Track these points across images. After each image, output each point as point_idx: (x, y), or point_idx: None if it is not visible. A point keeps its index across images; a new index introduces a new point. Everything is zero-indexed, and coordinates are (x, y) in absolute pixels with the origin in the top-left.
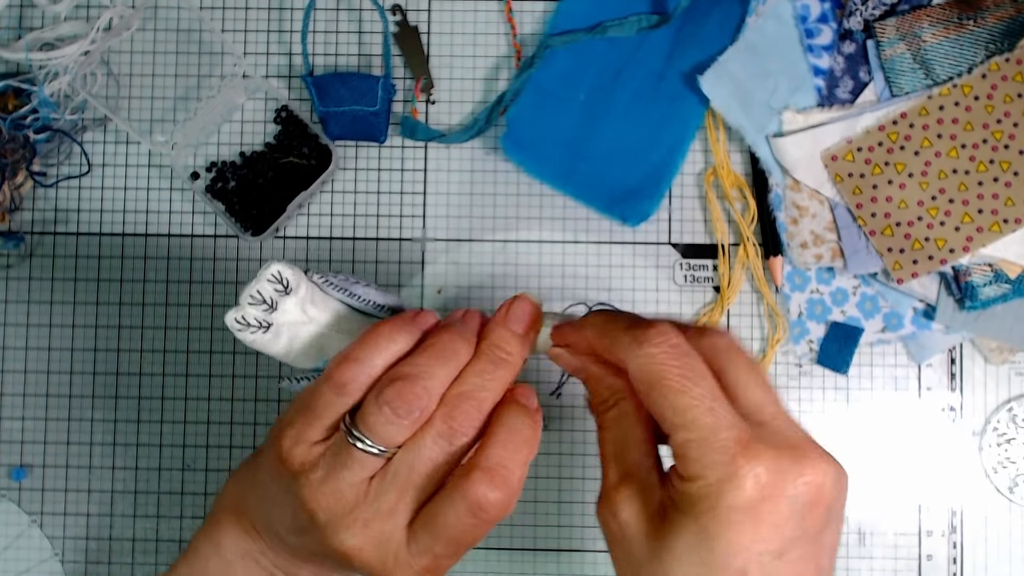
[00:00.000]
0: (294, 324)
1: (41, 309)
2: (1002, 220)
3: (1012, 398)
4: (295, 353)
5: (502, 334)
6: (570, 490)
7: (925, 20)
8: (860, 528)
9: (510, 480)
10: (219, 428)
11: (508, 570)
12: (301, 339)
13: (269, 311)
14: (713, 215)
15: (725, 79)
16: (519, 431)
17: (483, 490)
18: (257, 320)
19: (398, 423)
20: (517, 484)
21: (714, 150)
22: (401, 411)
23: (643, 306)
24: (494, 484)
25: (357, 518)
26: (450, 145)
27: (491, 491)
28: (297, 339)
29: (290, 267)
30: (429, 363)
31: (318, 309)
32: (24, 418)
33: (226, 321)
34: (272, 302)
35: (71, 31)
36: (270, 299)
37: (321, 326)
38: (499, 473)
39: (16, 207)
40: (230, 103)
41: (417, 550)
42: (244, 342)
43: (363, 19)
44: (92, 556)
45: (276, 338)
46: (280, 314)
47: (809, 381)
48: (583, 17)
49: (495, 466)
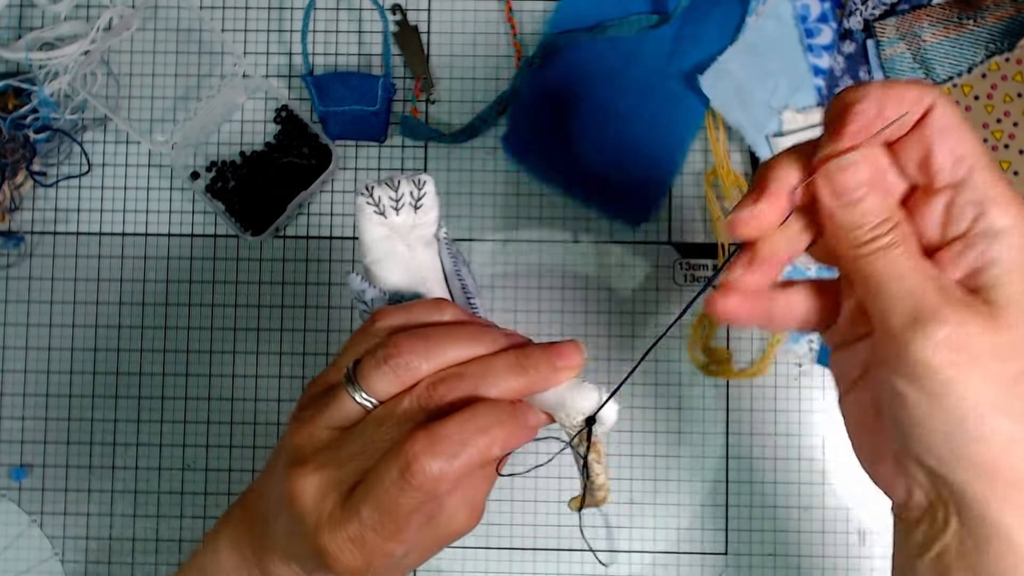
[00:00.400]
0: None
1: (41, 309)
2: None
3: None
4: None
5: (535, 350)
6: (570, 490)
7: (925, 20)
8: (860, 528)
9: (453, 458)
10: (219, 428)
11: (508, 570)
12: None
13: (394, 205)
14: (713, 215)
15: (725, 79)
16: (485, 417)
17: (418, 450)
18: (380, 201)
19: (388, 376)
20: (460, 467)
21: (714, 150)
22: (393, 363)
23: (643, 306)
24: (433, 450)
25: (314, 460)
26: (450, 145)
27: (427, 455)
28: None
29: (435, 193)
30: (442, 337)
31: (422, 245)
32: (24, 418)
33: (361, 187)
34: (402, 199)
35: (71, 31)
36: (400, 196)
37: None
38: (443, 443)
39: (16, 207)
40: (230, 103)
41: (347, 511)
42: (359, 212)
43: (363, 19)
44: (92, 556)
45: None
46: (397, 217)
47: (809, 381)
48: (583, 17)
49: (443, 435)
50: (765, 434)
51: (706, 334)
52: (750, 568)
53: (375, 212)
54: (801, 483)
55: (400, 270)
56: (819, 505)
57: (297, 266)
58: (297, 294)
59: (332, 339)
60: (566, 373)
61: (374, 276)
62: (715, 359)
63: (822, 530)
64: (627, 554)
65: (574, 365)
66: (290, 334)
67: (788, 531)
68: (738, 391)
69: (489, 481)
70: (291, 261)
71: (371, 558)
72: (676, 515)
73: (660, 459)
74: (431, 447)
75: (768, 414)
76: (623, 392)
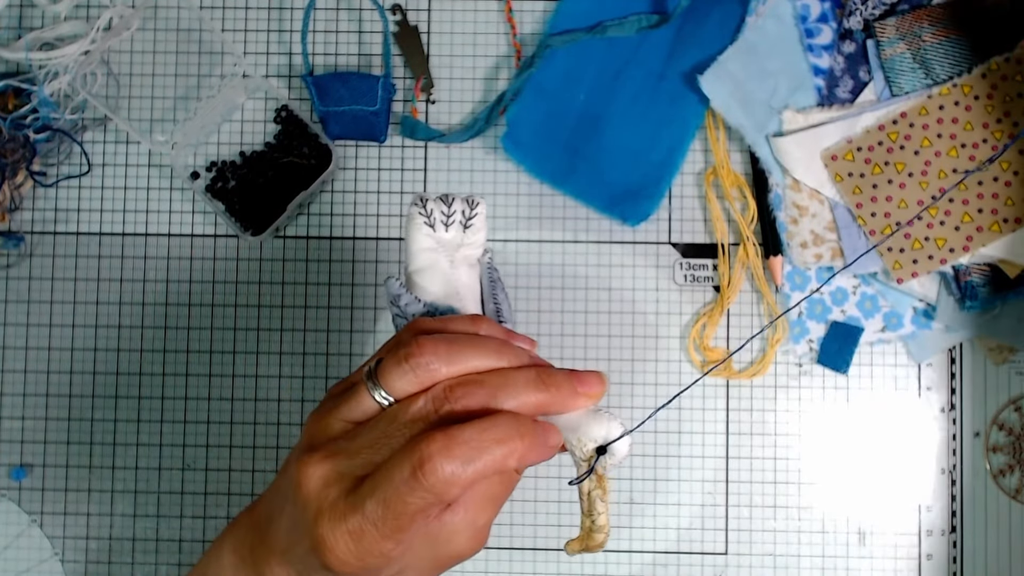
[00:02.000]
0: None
1: (41, 309)
2: (1002, 220)
3: (1013, 398)
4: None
5: (557, 372)
6: (570, 490)
7: (925, 20)
8: (860, 528)
9: (468, 463)
10: (219, 428)
11: (508, 570)
12: (433, 265)
13: (444, 220)
14: (713, 215)
15: (725, 79)
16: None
17: (434, 450)
18: (431, 214)
19: (408, 375)
20: (473, 474)
21: (714, 150)
22: (413, 362)
23: (643, 306)
24: (450, 453)
25: (325, 448)
26: (450, 145)
27: (443, 457)
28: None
29: (485, 216)
30: (466, 345)
31: (465, 264)
32: (24, 418)
33: (414, 196)
34: (453, 216)
35: (71, 31)
36: (452, 213)
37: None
38: (460, 446)
39: (16, 207)
40: (230, 103)
41: (351, 502)
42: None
43: (363, 19)
44: (92, 556)
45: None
46: (446, 233)
47: (809, 381)
48: (583, 17)
49: (461, 439)
50: (765, 434)
51: (706, 334)
52: (750, 568)
53: (425, 223)
54: (801, 483)
55: (440, 283)
56: (819, 505)
57: (297, 266)
58: (297, 294)
59: (332, 339)
60: (586, 400)
61: (414, 284)
62: (715, 359)
63: (822, 530)
64: (627, 554)
65: (595, 394)
66: (290, 334)
67: (788, 531)
68: (738, 391)
69: (495, 505)
70: (291, 261)
71: (366, 556)
72: (676, 515)
73: (660, 459)
74: (447, 449)
75: (768, 414)
76: (623, 391)
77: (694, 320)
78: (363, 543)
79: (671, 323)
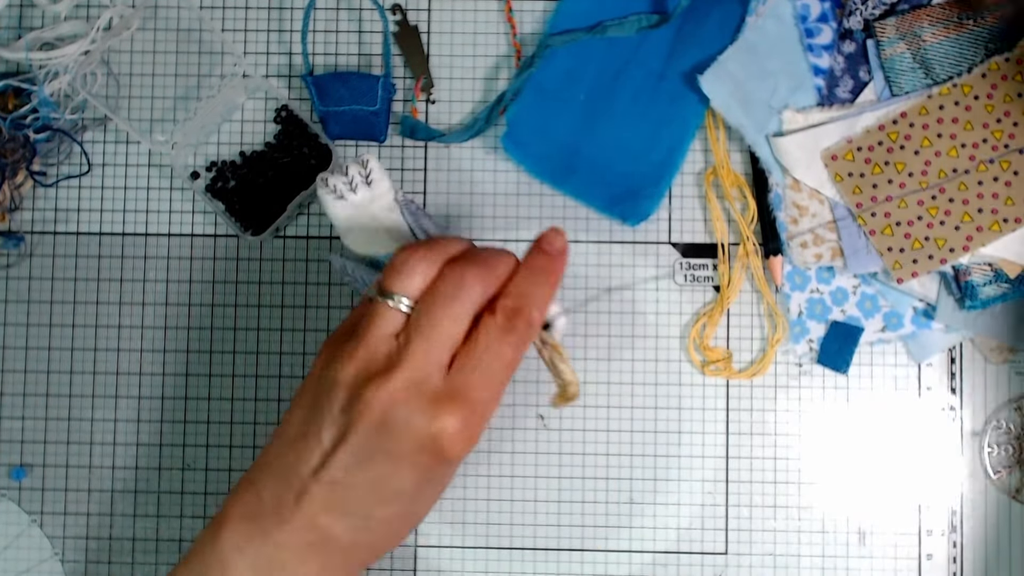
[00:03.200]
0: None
1: (41, 309)
2: (1002, 220)
3: (1013, 398)
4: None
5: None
6: (570, 490)
7: (925, 20)
8: (860, 528)
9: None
10: (219, 428)
11: (508, 570)
12: (360, 223)
13: (348, 187)
14: (713, 215)
15: (725, 79)
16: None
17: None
18: (335, 187)
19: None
20: (543, 308)
21: (714, 150)
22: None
23: (643, 306)
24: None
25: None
26: (450, 145)
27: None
28: (357, 221)
29: (380, 168)
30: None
31: (386, 212)
32: (24, 418)
33: (318, 178)
34: (353, 180)
35: (71, 31)
36: (351, 178)
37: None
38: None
39: (16, 207)
40: (230, 103)
41: (451, 379)
42: (323, 200)
43: (363, 19)
44: (92, 556)
45: (343, 209)
46: (355, 195)
47: (809, 381)
48: (583, 17)
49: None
50: (765, 434)
51: (706, 334)
52: (750, 568)
53: (335, 197)
54: (801, 483)
55: (370, 237)
56: (819, 505)
57: (297, 266)
58: (297, 294)
59: None
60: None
61: (348, 249)
62: (715, 359)
63: (822, 530)
64: (627, 554)
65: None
66: (290, 334)
67: (788, 531)
68: (738, 391)
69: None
70: (291, 261)
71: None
72: (676, 515)
73: (660, 459)
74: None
75: (768, 414)
76: (623, 391)
77: (694, 320)
78: (469, 401)
79: (671, 323)
